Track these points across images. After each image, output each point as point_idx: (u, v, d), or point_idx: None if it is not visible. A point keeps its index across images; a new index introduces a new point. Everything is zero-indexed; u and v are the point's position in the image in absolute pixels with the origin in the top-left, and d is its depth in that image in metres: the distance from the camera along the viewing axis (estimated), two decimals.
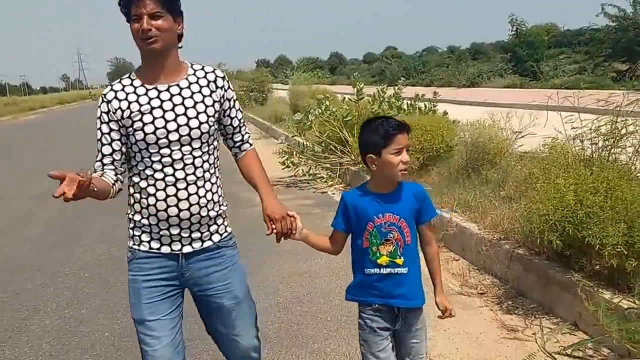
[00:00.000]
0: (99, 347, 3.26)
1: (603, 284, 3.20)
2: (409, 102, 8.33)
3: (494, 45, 45.04)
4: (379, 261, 2.02)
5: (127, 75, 2.01)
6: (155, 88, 1.94)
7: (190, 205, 1.94)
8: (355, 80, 8.51)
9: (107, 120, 1.94)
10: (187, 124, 1.93)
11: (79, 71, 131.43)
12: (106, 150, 1.95)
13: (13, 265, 4.96)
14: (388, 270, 2.01)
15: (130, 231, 2.01)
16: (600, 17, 25.07)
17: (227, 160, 2.23)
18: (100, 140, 1.96)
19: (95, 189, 1.74)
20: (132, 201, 2.00)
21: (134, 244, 2.00)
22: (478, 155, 6.10)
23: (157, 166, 1.92)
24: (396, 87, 8.44)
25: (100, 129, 1.96)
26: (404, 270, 2.01)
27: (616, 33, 24.32)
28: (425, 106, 8.09)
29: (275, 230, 2.02)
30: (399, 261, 2.01)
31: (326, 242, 2.16)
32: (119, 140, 1.94)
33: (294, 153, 7.97)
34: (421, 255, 2.13)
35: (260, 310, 2.28)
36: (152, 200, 1.93)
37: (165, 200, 1.92)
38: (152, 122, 1.90)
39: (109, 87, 1.98)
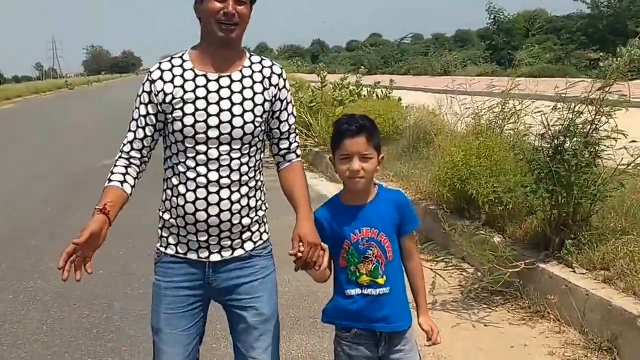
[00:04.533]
0: (97, 278, 4.17)
1: (486, 227, 4.21)
2: (369, 89, 9.30)
3: (480, 32, 45.40)
4: (359, 281, 1.83)
5: (180, 54, 1.82)
6: (205, 76, 1.76)
7: (221, 211, 1.76)
8: (320, 69, 9.43)
9: (147, 101, 1.77)
10: (230, 122, 1.74)
11: (53, 60, 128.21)
12: (140, 133, 1.79)
13: (17, 231, 5.84)
14: (369, 291, 1.82)
15: (159, 231, 1.86)
16: (578, 2, 25.88)
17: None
18: (137, 120, 1.79)
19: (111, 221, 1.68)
20: (164, 197, 1.84)
21: (160, 246, 1.85)
22: (419, 136, 7.09)
23: (191, 163, 1.74)
24: (357, 76, 9.38)
25: (139, 109, 1.79)
26: (386, 290, 1.82)
27: (589, 21, 25.24)
28: (382, 92, 9.05)
29: (301, 254, 1.72)
30: (381, 281, 1.82)
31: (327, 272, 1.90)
32: (154, 126, 1.78)
33: None
34: None
35: None
36: (181, 200, 1.76)
37: (194, 203, 1.74)
38: (193, 114, 1.72)
39: (157, 66, 1.80)
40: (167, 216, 1.82)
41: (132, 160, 1.80)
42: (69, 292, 4.02)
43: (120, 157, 1.81)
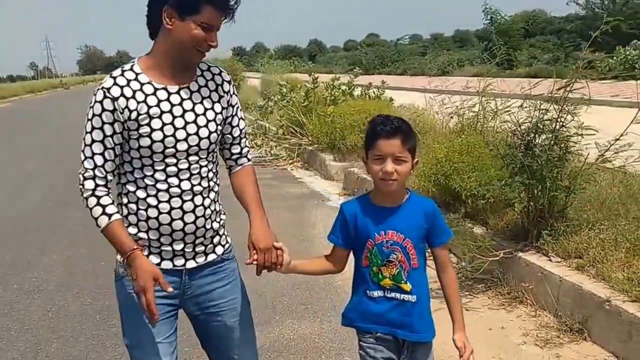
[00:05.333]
0: (98, 270, 4.39)
1: (468, 219, 4.42)
2: (361, 89, 9.51)
3: (477, 33, 45.70)
4: (381, 283, 1.79)
5: (129, 67, 1.74)
6: (165, 89, 1.73)
7: (196, 218, 1.76)
8: (311, 69, 9.62)
9: (111, 120, 1.67)
10: (196, 133, 1.74)
11: (47, 59, 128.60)
12: (110, 154, 1.70)
13: (18, 227, 6.03)
14: (393, 294, 1.79)
15: None
16: (571, 4, 26.37)
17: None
18: (101, 142, 1.69)
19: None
20: (125, 212, 1.76)
21: None
22: None
23: (160, 176, 1.72)
24: (350, 76, 9.59)
25: (102, 129, 1.68)
26: (411, 298, 1.78)
27: (584, 22, 25.69)
28: (374, 93, 9.26)
29: (256, 262, 1.76)
30: (406, 287, 1.78)
31: (321, 264, 1.93)
32: (120, 145, 1.71)
33: (258, 135, 9.10)
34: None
35: None
36: (153, 212, 1.73)
37: (169, 213, 1.72)
38: (161, 129, 1.69)
39: (112, 81, 1.70)
40: (133, 230, 1.75)
41: (108, 185, 1.74)
42: (71, 282, 4.22)
43: (98, 186, 1.72)
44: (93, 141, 1.70)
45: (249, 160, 1.97)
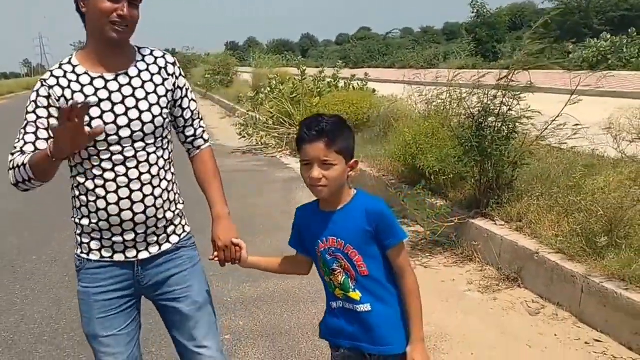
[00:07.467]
0: None
1: (432, 193, 5.02)
2: (345, 81, 10.09)
3: (465, 25, 46.53)
4: (335, 293, 1.71)
5: (67, 60, 1.76)
6: (102, 77, 1.73)
7: (146, 207, 1.76)
8: (299, 63, 10.18)
9: (46, 105, 1.69)
10: (139, 118, 1.73)
11: (41, 56, 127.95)
12: (41, 134, 1.69)
13: (28, 211, 6.61)
14: (348, 305, 1.69)
15: (78, 238, 1.81)
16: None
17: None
18: (34, 123, 1.69)
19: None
20: (77, 204, 1.78)
21: (82, 252, 1.80)
22: (389, 122, 7.89)
23: (107, 165, 1.71)
24: (335, 69, 10.17)
25: (35, 112, 1.70)
26: (363, 307, 1.66)
27: (563, 15, 26.51)
28: (358, 84, 9.85)
29: (217, 258, 1.91)
30: (354, 295, 1.67)
31: (284, 266, 1.89)
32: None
33: (249, 125, 9.69)
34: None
35: None
36: (101, 203, 1.73)
37: (117, 203, 1.72)
38: (100, 117, 1.69)
39: (49, 74, 1.74)
40: (85, 222, 1.77)
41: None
42: None
43: (27, 156, 1.64)
44: (27, 124, 1.71)
45: (205, 141, 1.99)
